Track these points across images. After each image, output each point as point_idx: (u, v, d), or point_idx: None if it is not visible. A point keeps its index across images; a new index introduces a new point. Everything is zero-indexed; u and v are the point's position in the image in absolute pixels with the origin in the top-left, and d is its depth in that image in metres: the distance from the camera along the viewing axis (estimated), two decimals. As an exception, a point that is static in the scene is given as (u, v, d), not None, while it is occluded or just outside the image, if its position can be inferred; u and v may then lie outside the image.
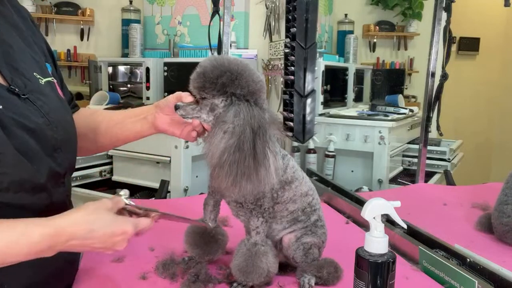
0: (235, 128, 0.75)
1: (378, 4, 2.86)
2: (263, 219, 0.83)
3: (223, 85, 0.77)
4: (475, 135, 2.68)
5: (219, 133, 0.76)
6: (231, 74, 0.77)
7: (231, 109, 0.77)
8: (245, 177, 0.74)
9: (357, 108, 2.47)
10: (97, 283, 0.86)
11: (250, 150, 0.74)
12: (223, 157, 0.74)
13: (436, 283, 0.88)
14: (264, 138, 0.76)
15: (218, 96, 0.78)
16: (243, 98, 0.78)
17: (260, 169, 0.74)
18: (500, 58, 2.68)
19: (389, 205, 0.67)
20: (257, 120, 0.76)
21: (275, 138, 0.81)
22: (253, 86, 0.78)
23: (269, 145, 0.76)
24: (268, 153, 0.75)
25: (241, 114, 0.76)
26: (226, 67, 0.78)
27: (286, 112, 1.67)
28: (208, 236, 0.92)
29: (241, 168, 0.73)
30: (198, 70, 0.79)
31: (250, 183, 0.74)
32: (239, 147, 0.74)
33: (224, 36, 1.64)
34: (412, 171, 2.08)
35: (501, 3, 1.32)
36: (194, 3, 2.70)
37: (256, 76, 0.80)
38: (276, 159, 0.77)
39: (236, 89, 0.77)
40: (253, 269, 0.81)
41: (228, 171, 0.74)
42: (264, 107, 0.81)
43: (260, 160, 0.74)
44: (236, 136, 0.74)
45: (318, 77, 2.07)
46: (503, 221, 1.09)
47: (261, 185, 0.75)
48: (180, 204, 1.41)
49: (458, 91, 2.23)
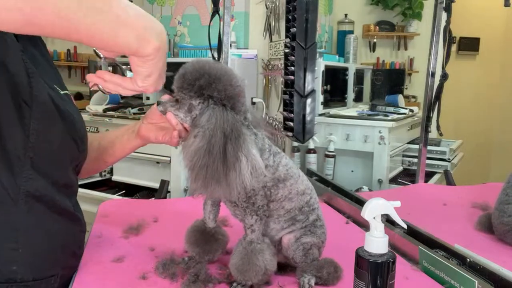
0: (205, 132, 0.77)
1: (378, 4, 2.86)
2: (257, 217, 0.83)
3: (200, 87, 0.79)
4: (475, 135, 2.68)
5: (191, 137, 0.79)
6: (209, 77, 0.79)
7: (205, 113, 0.79)
8: (214, 180, 0.76)
9: (357, 108, 2.47)
10: (97, 283, 0.86)
11: (219, 154, 0.75)
12: (193, 160, 0.76)
13: (436, 283, 0.88)
14: (237, 142, 0.77)
15: (196, 98, 0.81)
16: (220, 102, 0.80)
17: (230, 172, 0.76)
18: (500, 58, 2.69)
19: (389, 205, 0.67)
20: (230, 124, 0.77)
21: (263, 138, 0.83)
22: (230, 90, 0.80)
23: (242, 148, 0.77)
24: (240, 156, 0.76)
25: (213, 118, 0.78)
26: (206, 70, 0.80)
27: (286, 112, 1.67)
28: (208, 235, 0.93)
29: (209, 171, 0.75)
30: (180, 72, 0.82)
31: (219, 186, 0.76)
32: (208, 151, 0.75)
33: (224, 36, 1.64)
34: (412, 171, 2.08)
35: (501, 3, 1.32)
36: (194, 3, 2.70)
37: (235, 81, 0.81)
38: (251, 162, 0.78)
39: (213, 92, 0.79)
40: (250, 267, 0.81)
41: (198, 173, 0.76)
42: (244, 110, 0.82)
43: (230, 164, 0.75)
44: (206, 139, 0.76)
45: (318, 77, 2.07)
46: (503, 221, 1.09)
47: (232, 188, 0.77)
48: (180, 204, 1.41)
49: (458, 91, 2.23)
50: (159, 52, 0.67)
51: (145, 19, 0.65)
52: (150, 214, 1.23)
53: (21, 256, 0.76)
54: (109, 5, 0.60)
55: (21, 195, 0.76)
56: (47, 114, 0.78)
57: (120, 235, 1.09)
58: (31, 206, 0.77)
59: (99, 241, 1.05)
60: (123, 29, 0.62)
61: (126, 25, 0.63)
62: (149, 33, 0.65)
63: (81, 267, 0.90)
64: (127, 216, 1.21)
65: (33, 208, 0.77)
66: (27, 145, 0.75)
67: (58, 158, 0.82)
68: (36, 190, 0.77)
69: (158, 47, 0.67)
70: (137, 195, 2.12)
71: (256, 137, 0.82)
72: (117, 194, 2.22)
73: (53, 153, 0.80)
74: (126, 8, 0.63)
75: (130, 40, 0.64)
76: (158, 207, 1.37)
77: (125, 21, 0.62)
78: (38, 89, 0.76)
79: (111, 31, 0.62)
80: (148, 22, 0.66)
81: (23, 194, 0.76)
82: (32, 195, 0.77)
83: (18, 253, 0.75)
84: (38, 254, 0.78)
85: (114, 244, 1.04)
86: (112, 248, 1.01)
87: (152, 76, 0.71)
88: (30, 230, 0.77)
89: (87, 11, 0.58)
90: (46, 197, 0.79)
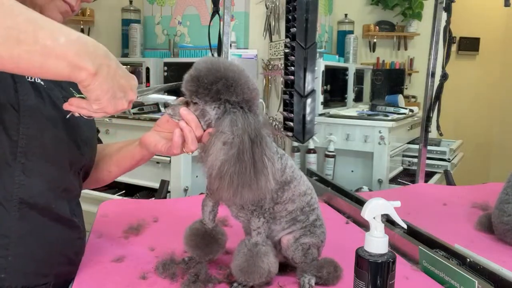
0: (234, 139, 0.73)
1: (378, 4, 2.86)
2: (264, 220, 0.83)
3: (217, 92, 0.75)
4: (475, 135, 2.68)
5: (217, 144, 0.74)
6: (227, 81, 0.75)
7: (226, 118, 0.75)
8: (246, 187, 0.73)
9: (357, 108, 2.47)
10: (97, 283, 0.86)
11: (250, 160, 0.73)
12: (223, 169, 0.73)
13: (436, 283, 0.88)
14: (261, 145, 0.75)
15: (211, 102, 0.77)
16: (238, 105, 0.76)
17: (260, 177, 0.74)
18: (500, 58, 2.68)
19: (389, 205, 0.67)
20: (254, 128, 0.75)
21: (271, 141, 0.81)
22: (248, 94, 0.77)
23: (266, 152, 0.75)
24: (265, 160, 0.75)
25: (238, 123, 0.74)
26: (222, 73, 0.75)
27: (286, 112, 1.67)
28: (209, 237, 0.92)
29: (241, 178, 0.73)
30: (193, 74, 0.77)
31: (250, 192, 0.74)
32: (239, 158, 0.73)
33: (224, 36, 1.64)
34: (412, 171, 2.08)
35: (501, 3, 1.32)
36: (194, 3, 2.70)
37: (252, 84, 0.78)
38: (273, 165, 0.77)
39: (231, 96, 0.76)
40: (255, 269, 0.81)
41: (229, 182, 0.73)
42: (257, 112, 0.80)
43: (259, 168, 0.74)
44: (235, 146, 0.73)
45: (318, 77, 2.07)
46: (503, 220, 1.09)
47: (262, 192, 0.75)
48: (180, 204, 1.41)
49: (458, 91, 2.23)
50: (97, 76, 0.63)
51: (78, 44, 0.61)
52: (150, 214, 1.23)
53: (10, 264, 0.74)
54: (35, 36, 0.57)
55: (14, 202, 0.75)
56: (38, 118, 0.76)
57: (120, 235, 1.09)
58: (23, 213, 0.76)
59: (99, 241, 1.05)
60: (51, 59, 0.59)
61: (55, 54, 0.59)
62: (82, 59, 0.61)
63: (81, 267, 0.90)
64: (127, 216, 1.21)
65: (26, 215, 0.76)
66: (16, 150, 0.74)
67: (55, 163, 0.80)
68: (30, 196, 0.76)
69: (94, 72, 0.62)
70: (137, 195, 2.12)
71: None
72: (117, 194, 2.22)
73: (48, 157, 0.78)
74: (55, 35, 0.59)
75: (60, 69, 0.60)
76: (158, 207, 1.37)
77: (54, 51, 0.58)
78: (25, 93, 0.74)
79: (37, 62, 0.58)
80: (82, 46, 0.61)
81: (16, 201, 0.75)
82: (25, 201, 0.75)
83: (8, 260, 0.74)
84: (30, 262, 0.77)
85: (114, 244, 1.04)
86: (112, 248, 1.01)
87: (101, 99, 0.65)
88: (22, 238, 0.76)
89: (10, 43, 0.55)
90: (40, 204, 0.78)
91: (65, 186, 0.83)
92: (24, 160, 0.75)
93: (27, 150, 0.75)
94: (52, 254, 0.81)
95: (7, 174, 0.74)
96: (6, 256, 0.74)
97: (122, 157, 0.97)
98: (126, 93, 0.69)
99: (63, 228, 0.83)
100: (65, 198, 0.84)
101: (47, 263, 0.80)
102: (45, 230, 0.79)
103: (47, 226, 0.79)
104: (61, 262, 0.83)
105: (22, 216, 0.76)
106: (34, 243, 0.77)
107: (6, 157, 0.74)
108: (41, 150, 0.77)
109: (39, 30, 0.58)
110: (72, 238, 0.86)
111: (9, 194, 0.74)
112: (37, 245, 0.78)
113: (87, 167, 0.92)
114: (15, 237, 0.75)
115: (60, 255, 0.83)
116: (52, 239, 0.80)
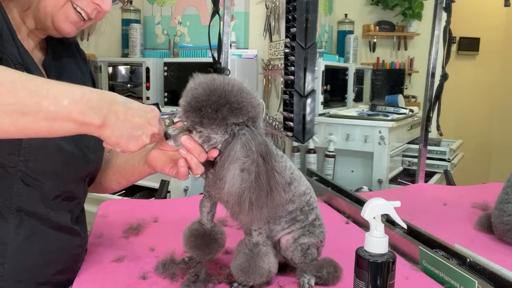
0: (251, 164, 0.72)
1: (378, 4, 2.86)
2: (265, 220, 0.83)
3: (223, 118, 0.73)
4: (475, 135, 2.68)
5: (233, 171, 0.72)
6: (231, 105, 0.73)
7: (237, 143, 0.73)
8: (264, 207, 0.74)
9: (357, 108, 2.47)
10: (97, 283, 0.86)
11: (265, 181, 0.73)
12: (243, 196, 0.72)
13: (436, 283, 0.88)
14: (271, 162, 0.74)
15: (217, 129, 0.74)
16: (244, 124, 0.74)
17: (275, 195, 0.74)
18: (500, 58, 2.69)
19: (389, 205, 0.67)
20: (264, 146, 0.74)
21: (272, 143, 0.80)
22: (253, 112, 0.75)
23: (276, 167, 0.75)
24: (277, 176, 0.75)
25: (251, 146, 0.73)
26: (225, 98, 0.72)
27: (286, 112, 1.67)
28: (208, 238, 0.91)
29: (259, 201, 0.73)
30: (193, 104, 0.72)
31: (267, 210, 0.75)
32: (257, 182, 0.72)
33: (224, 36, 1.64)
34: (412, 171, 2.08)
35: (501, 3, 1.32)
36: (194, 3, 2.70)
37: (255, 100, 0.76)
38: (283, 177, 0.77)
39: (237, 119, 0.73)
40: (255, 269, 0.81)
41: (249, 207, 0.73)
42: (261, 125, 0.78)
43: (273, 186, 0.74)
44: (253, 172, 0.72)
45: (318, 77, 2.07)
46: (503, 220, 1.09)
47: (277, 207, 0.76)
48: (180, 204, 1.41)
49: (458, 91, 2.23)
50: (105, 127, 0.65)
51: (82, 103, 0.62)
52: (150, 214, 1.23)
53: (7, 271, 0.74)
54: (38, 105, 0.59)
55: (12, 210, 0.74)
56: None
57: (120, 235, 1.09)
58: (21, 221, 0.75)
59: (99, 241, 1.05)
60: (57, 122, 0.61)
61: (60, 117, 0.60)
62: (87, 115, 0.62)
63: (81, 267, 0.90)
64: (127, 216, 1.21)
65: (24, 223, 0.76)
66: (18, 159, 0.73)
67: (57, 172, 0.79)
68: (29, 205, 0.76)
69: (101, 124, 0.64)
70: (137, 195, 2.12)
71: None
72: (117, 194, 2.22)
73: (50, 167, 0.78)
74: (59, 100, 0.60)
75: (67, 129, 0.62)
76: (158, 207, 1.37)
77: (58, 114, 0.60)
78: None
79: (44, 127, 0.60)
80: (85, 104, 0.62)
81: (14, 209, 0.75)
82: (23, 209, 0.75)
83: (4, 268, 0.74)
84: (26, 270, 0.77)
85: (114, 244, 1.04)
86: (112, 248, 1.01)
87: (119, 142, 0.68)
88: (19, 246, 0.75)
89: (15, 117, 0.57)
90: (39, 212, 0.77)
91: (67, 195, 0.83)
92: (24, 169, 0.74)
93: (29, 159, 0.74)
94: (50, 262, 0.80)
95: (6, 182, 0.74)
96: (3, 264, 0.74)
97: (130, 173, 0.96)
98: (145, 129, 0.71)
99: (63, 236, 0.82)
100: (67, 206, 0.83)
101: (43, 271, 0.79)
102: (43, 238, 0.79)
103: (46, 234, 0.79)
104: (59, 270, 0.82)
105: (19, 224, 0.75)
106: (31, 251, 0.77)
107: (5, 166, 0.73)
108: (43, 160, 0.76)
109: (42, 100, 0.59)
110: (72, 246, 0.85)
111: (7, 203, 0.74)
112: (34, 253, 0.77)
113: (93, 173, 0.92)
114: (12, 244, 0.75)
115: (58, 263, 0.82)
116: (51, 247, 0.80)
